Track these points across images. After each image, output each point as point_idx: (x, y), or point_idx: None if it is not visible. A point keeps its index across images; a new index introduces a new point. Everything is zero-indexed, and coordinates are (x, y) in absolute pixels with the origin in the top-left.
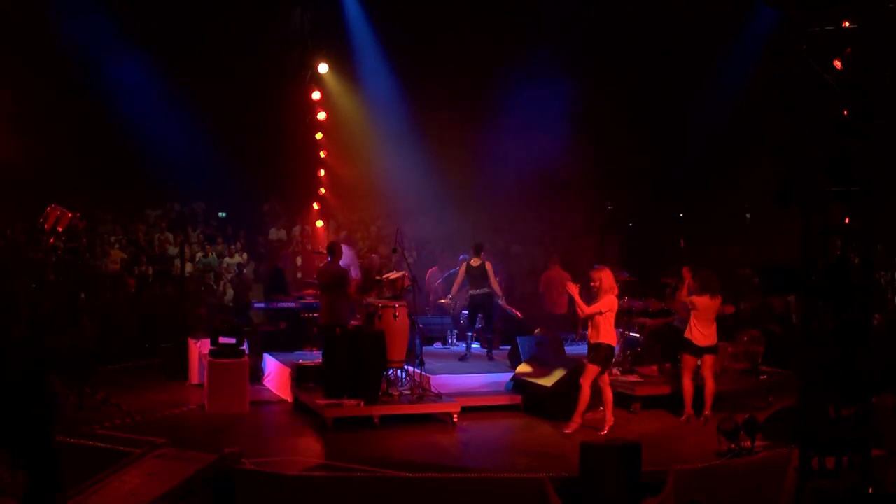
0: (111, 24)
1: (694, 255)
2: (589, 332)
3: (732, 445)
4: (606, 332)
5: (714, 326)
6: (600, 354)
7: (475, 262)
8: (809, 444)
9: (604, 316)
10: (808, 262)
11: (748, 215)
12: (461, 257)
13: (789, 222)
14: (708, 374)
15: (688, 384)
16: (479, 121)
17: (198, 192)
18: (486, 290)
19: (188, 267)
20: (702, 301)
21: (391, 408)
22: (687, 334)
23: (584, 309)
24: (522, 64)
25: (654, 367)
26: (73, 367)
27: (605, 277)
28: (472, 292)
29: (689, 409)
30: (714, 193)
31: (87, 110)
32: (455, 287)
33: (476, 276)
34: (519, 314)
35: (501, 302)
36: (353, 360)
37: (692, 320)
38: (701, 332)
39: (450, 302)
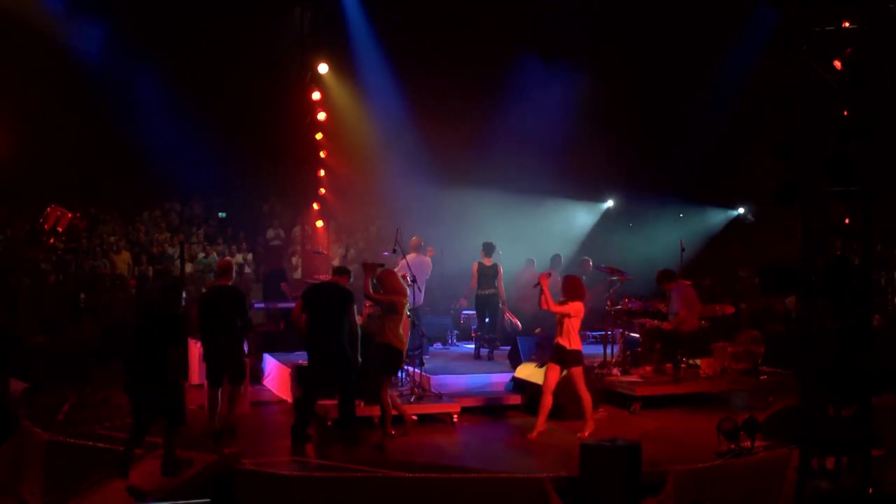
0: (111, 26)
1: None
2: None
3: (732, 445)
4: (388, 333)
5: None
6: (386, 358)
7: (487, 262)
8: (809, 444)
9: (385, 317)
10: (808, 262)
11: (749, 215)
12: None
13: (789, 221)
14: (582, 386)
15: (550, 398)
16: (480, 120)
17: (198, 192)
18: (493, 290)
19: (188, 267)
20: (577, 307)
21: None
22: (563, 341)
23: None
24: (523, 65)
25: (652, 368)
26: (74, 367)
27: (387, 278)
28: (479, 292)
29: (542, 424)
30: (714, 193)
31: (87, 111)
32: (472, 286)
33: (487, 277)
34: (518, 324)
35: (503, 307)
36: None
37: (568, 328)
38: (576, 337)
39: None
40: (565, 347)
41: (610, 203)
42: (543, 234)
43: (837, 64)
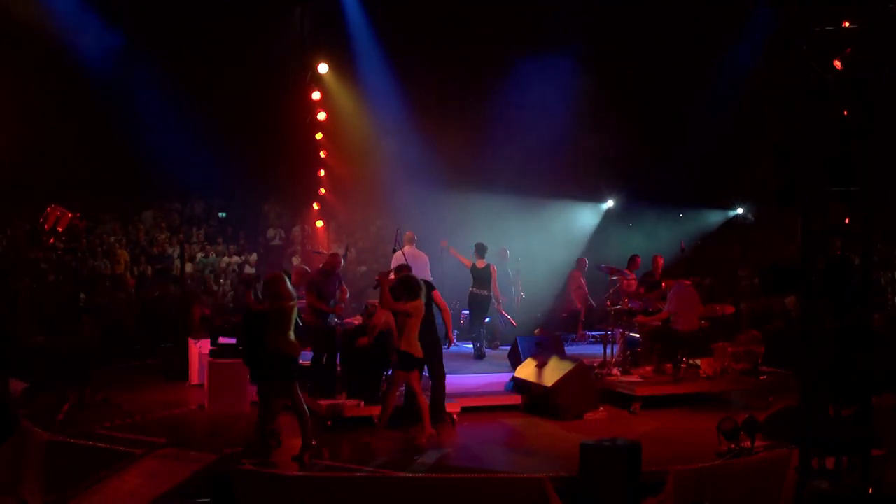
0: (111, 26)
1: (694, 256)
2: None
3: (732, 445)
4: (281, 339)
5: None
6: (285, 366)
7: (480, 263)
8: (809, 444)
9: (276, 323)
10: (808, 262)
11: (748, 215)
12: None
13: (789, 221)
14: (418, 391)
15: (422, 399)
16: (480, 120)
17: (198, 192)
18: (486, 292)
19: (188, 267)
20: (416, 305)
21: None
22: (407, 347)
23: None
24: (523, 64)
25: (652, 368)
26: (74, 367)
27: (274, 284)
28: (473, 290)
29: (428, 428)
30: (714, 193)
31: (88, 110)
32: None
33: (480, 278)
34: (513, 322)
35: (498, 306)
36: (353, 360)
37: (411, 328)
38: (413, 339)
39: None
40: (400, 349)
41: (610, 203)
42: (543, 234)
43: (837, 64)
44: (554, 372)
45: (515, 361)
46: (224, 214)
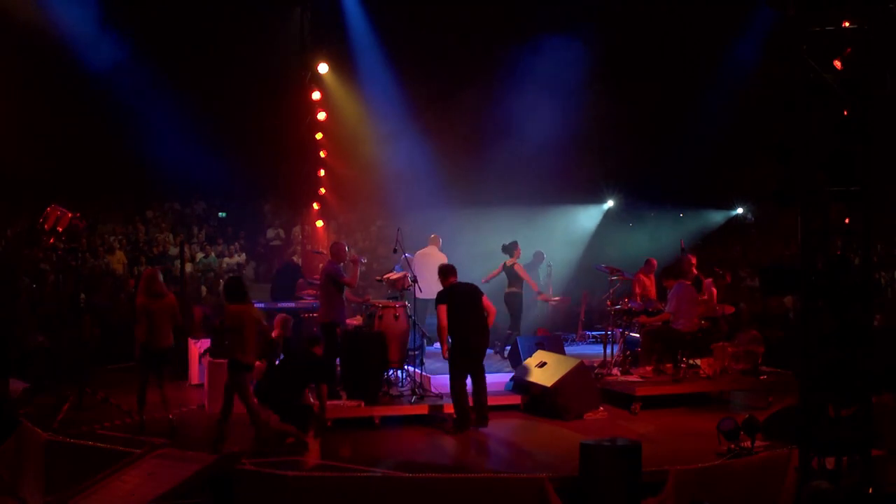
0: (112, 27)
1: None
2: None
3: (732, 445)
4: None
5: None
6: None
7: (509, 261)
8: (809, 444)
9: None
10: (808, 261)
11: (748, 215)
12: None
13: (789, 221)
14: (243, 398)
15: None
16: (480, 120)
17: (198, 192)
18: (514, 289)
19: (188, 267)
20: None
21: (391, 408)
22: (242, 355)
23: None
24: (523, 64)
25: (652, 368)
26: (73, 367)
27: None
28: (505, 290)
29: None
30: (714, 193)
31: (88, 110)
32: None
33: (511, 276)
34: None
35: (542, 296)
36: (353, 360)
37: (239, 338)
38: (252, 347)
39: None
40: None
41: (610, 203)
42: (545, 234)
43: (837, 64)
44: (554, 372)
45: (515, 361)
46: (224, 214)
